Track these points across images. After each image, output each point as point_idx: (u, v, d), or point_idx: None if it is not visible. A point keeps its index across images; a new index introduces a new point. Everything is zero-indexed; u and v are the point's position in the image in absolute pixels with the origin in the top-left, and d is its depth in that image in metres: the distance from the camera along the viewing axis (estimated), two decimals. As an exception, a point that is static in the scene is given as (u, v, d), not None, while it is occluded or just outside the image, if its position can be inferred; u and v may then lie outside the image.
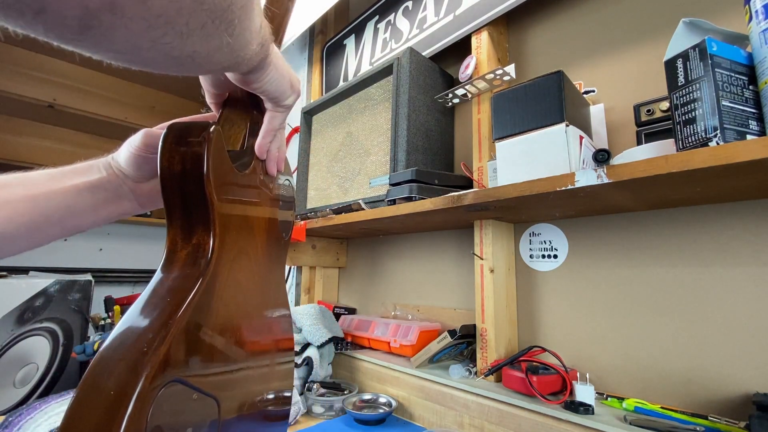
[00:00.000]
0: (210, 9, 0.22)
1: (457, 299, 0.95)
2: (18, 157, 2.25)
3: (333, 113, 1.17)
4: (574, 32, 0.81)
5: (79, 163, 0.42)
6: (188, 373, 0.30)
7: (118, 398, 0.25)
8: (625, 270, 0.68)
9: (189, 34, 0.22)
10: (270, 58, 0.35)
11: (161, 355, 0.27)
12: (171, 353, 0.28)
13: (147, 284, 0.33)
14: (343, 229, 1.04)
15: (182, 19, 0.21)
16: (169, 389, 0.28)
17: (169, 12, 0.20)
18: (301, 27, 1.38)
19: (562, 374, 0.64)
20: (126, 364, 0.26)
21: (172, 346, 0.28)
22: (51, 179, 0.39)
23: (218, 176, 0.35)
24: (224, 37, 0.24)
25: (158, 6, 0.20)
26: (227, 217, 0.37)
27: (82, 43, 0.20)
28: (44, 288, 1.65)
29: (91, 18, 0.18)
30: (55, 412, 0.58)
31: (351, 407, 0.81)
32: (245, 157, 0.42)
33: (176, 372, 0.29)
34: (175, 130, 0.35)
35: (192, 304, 0.31)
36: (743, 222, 0.57)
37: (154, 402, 0.26)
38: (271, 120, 0.42)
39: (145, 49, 0.22)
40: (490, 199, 0.63)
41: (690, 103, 0.46)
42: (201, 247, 0.34)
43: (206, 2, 0.21)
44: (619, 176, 0.48)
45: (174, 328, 0.29)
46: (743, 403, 0.54)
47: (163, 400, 0.27)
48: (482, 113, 0.86)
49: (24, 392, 1.25)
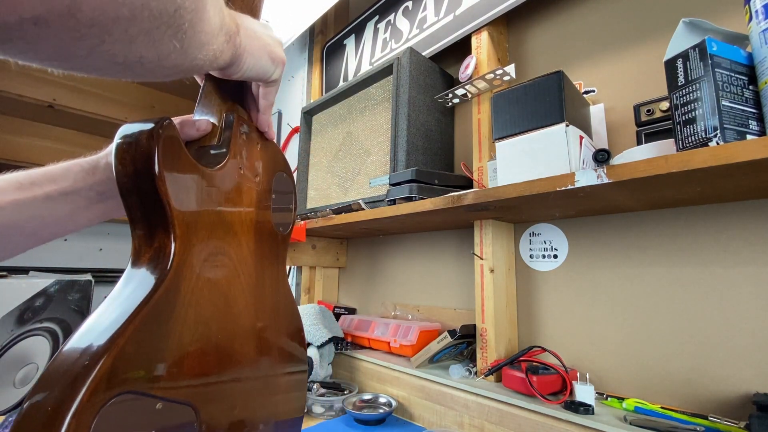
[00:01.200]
0: (153, 15, 0.21)
1: (457, 299, 0.95)
2: (18, 157, 2.25)
3: (333, 113, 1.17)
4: (574, 32, 0.81)
5: (53, 165, 0.39)
6: (149, 384, 0.29)
7: (54, 414, 0.24)
8: (625, 270, 0.68)
9: (131, 40, 0.21)
10: (241, 49, 0.34)
11: (105, 368, 0.26)
12: (117, 365, 0.27)
13: None
14: (343, 229, 1.04)
15: (120, 26, 0.20)
16: (119, 401, 0.27)
17: (103, 21, 0.20)
18: (301, 27, 1.38)
19: (562, 374, 0.64)
20: (66, 379, 0.25)
21: (118, 358, 0.27)
22: (19, 188, 0.36)
23: (174, 174, 0.33)
24: (172, 42, 0.24)
25: (88, 17, 0.19)
26: (194, 216, 0.35)
27: (6, 53, 0.20)
28: (44, 288, 1.65)
29: (11, 31, 0.18)
30: (54, 412, 0.58)
31: (351, 407, 0.81)
32: (219, 150, 0.41)
33: (129, 384, 0.28)
34: (127, 128, 0.33)
35: (143, 313, 0.29)
36: (743, 222, 0.57)
37: (99, 415, 0.26)
38: (266, 95, 0.42)
39: (82, 56, 0.21)
40: (490, 199, 0.63)
41: (690, 103, 0.46)
42: (162, 251, 0.33)
43: (148, 9, 0.21)
44: (619, 176, 0.48)
45: (121, 338, 0.27)
46: (743, 403, 0.54)
47: (112, 412, 0.26)
48: (482, 113, 0.86)
49: (24, 392, 1.25)
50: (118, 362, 0.27)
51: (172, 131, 0.34)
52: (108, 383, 0.26)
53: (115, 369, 0.27)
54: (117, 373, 0.27)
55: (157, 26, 0.22)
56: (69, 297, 1.69)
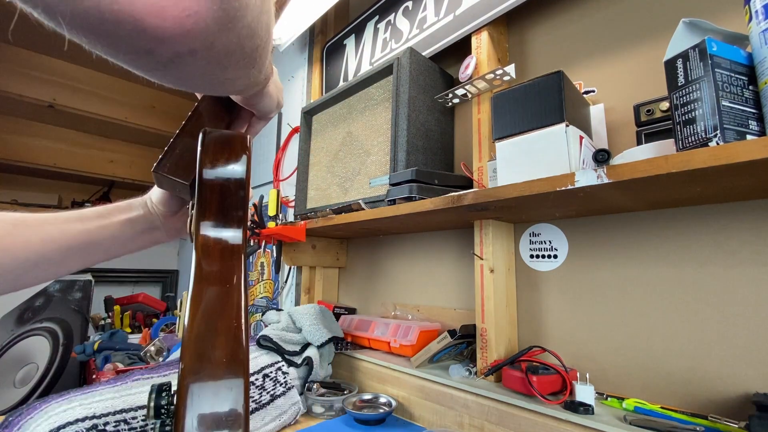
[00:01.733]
0: (244, 51, 0.29)
1: (457, 299, 0.95)
2: (18, 157, 2.25)
3: (333, 113, 1.17)
4: (574, 32, 0.81)
5: (120, 202, 0.53)
6: None
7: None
8: (625, 270, 0.68)
9: (227, 66, 0.29)
10: (269, 86, 0.42)
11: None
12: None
13: (147, 284, 0.34)
14: (343, 229, 1.04)
15: (226, 59, 0.28)
16: None
17: (220, 55, 0.27)
18: (301, 27, 1.38)
19: (562, 374, 0.64)
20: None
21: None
22: (100, 216, 0.50)
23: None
24: (249, 69, 0.32)
25: (218, 51, 0.27)
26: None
27: (164, 77, 0.28)
28: (44, 288, 1.65)
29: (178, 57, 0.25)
30: (55, 412, 0.58)
31: (351, 407, 0.81)
32: None
33: None
34: (218, 134, 0.40)
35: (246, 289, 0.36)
36: (743, 222, 0.57)
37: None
38: (255, 125, 0.50)
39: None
40: (490, 199, 0.63)
41: (690, 103, 0.46)
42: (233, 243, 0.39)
43: (244, 47, 0.28)
44: (619, 176, 0.48)
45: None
46: (743, 403, 0.54)
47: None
48: (482, 113, 0.86)
49: (24, 392, 1.25)
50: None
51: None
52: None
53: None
54: None
55: (244, 57, 0.30)
56: (69, 297, 1.69)
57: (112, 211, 0.51)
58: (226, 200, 0.38)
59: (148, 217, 0.53)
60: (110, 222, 0.50)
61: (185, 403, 0.29)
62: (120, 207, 0.52)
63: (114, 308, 1.95)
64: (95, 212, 0.50)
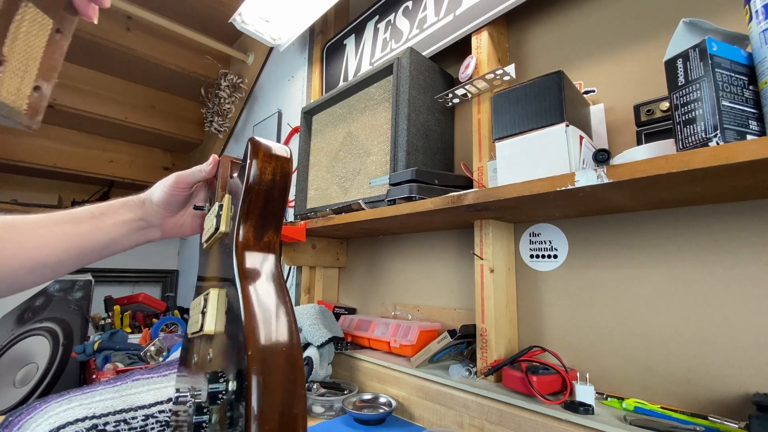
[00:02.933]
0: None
1: (457, 299, 0.95)
2: (18, 157, 2.25)
3: (333, 113, 1.17)
4: (574, 32, 0.81)
5: (114, 200, 0.52)
6: None
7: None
8: (625, 270, 0.68)
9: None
10: None
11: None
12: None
13: (147, 284, 0.34)
14: (343, 229, 1.04)
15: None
16: None
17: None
18: (301, 27, 1.38)
19: (562, 374, 0.64)
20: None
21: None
22: (93, 217, 0.49)
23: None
24: None
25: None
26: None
27: None
28: (44, 288, 1.65)
29: None
30: (55, 411, 0.58)
31: (351, 407, 0.81)
32: None
33: None
34: (266, 145, 0.43)
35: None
36: (743, 222, 0.57)
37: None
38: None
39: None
40: (490, 199, 0.63)
41: (690, 103, 0.46)
42: (271, 245, 0.43)
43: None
44: (619, 176, 0.48)
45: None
46: (743, 403, 0.54)
47: None
48: (482, 113, 0.86)
49: (24, 392, 1.25)
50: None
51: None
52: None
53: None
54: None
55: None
56: (69, 297, 1.68)
57: (106, 212, 0.50)
58: (268, 205, 0.43)
59: (145, 218, 0.53)
60: (104, 224, 0.50)
61: (259, 389, 0.32)
62: (114, 206, 0.52)
63: (114, 308, 1.94)
64: (88, 212, 0.49)
